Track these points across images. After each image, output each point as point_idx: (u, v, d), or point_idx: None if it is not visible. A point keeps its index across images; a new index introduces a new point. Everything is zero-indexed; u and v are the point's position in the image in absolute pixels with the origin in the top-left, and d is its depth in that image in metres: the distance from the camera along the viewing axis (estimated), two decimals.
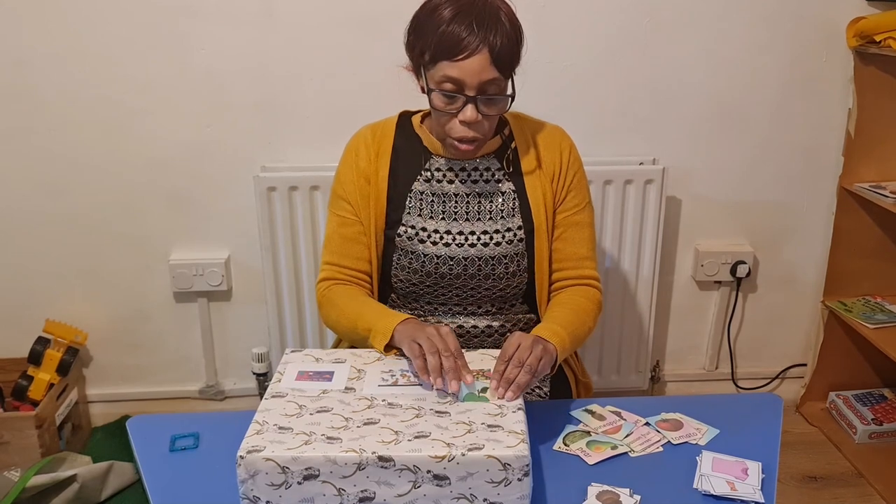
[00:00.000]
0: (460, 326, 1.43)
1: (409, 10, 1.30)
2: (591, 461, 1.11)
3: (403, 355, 1.21)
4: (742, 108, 2.11)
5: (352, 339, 1.37)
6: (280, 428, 1.01)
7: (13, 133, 2.00)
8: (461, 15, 1.21)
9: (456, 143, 1.30)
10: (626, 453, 1.13)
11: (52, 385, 2.05)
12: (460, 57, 1.21)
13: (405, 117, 1.45)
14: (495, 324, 1.44)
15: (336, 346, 1.56)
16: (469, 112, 1.25)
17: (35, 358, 2.06)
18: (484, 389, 1.11)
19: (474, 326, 1.43)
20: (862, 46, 2.00)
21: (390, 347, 1.23)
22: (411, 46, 1.31)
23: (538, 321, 1.49)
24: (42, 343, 2.07)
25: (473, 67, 1.21)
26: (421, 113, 1.45)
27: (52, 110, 1.98)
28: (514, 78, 1.29)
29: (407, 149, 1.42)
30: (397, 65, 1.35)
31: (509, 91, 1.29)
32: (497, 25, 1.22)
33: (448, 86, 1.24)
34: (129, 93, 1.98)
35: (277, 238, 2.01)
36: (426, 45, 1.25)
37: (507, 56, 1.24)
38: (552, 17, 1.98)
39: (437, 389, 1.10)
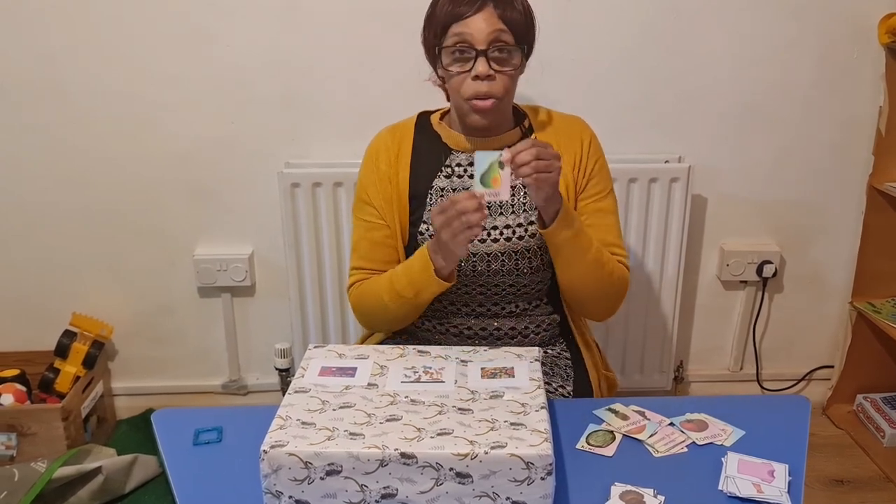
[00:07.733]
0: (483, 328, 1.42)
1: None
2: (609, 452, 1.11)
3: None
4: (770, 105, 2.08)
5: (402, 310, 1.36)
6: (303, 423, 1.01)
7: (40, 128, 2.02)
8: None
9: (473, 102, 1.30)
10: (649, 452, 1.12)
11: (78, 378, 2.08)
12: (466, 15, 1.26)
13: (424, 117, 1.47)
14: (519, 325, 1.43)
15: (361, 343, 1.56)
16: (481, 66, 1.27)
17: (62, 351, 2.09)
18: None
19: (497, 328, 1.43)
20: (894, 43, 1.96)
21: (446, 275, 1.29)
22: (425, 37, 1.35)
23: (562, 321, 1.49)
24: (69, 336, 2.10)
25: (479, 22, 1.26)
26: (440, 111, 1.45)
27: (77, 105, 2.00)
28: (530, 57, 1.33)
29: (427, 147, 1.42)
30: (424, 80, 1.37)
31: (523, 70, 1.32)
32: None
33: (460, 45, 1.28)
34: (153, 88, 2.00)
35: (301, 234, 2.02)
36: (437, 24, 1.29)
37: (515, 14, 1.27)
38: (577, 14, 1.96)
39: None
